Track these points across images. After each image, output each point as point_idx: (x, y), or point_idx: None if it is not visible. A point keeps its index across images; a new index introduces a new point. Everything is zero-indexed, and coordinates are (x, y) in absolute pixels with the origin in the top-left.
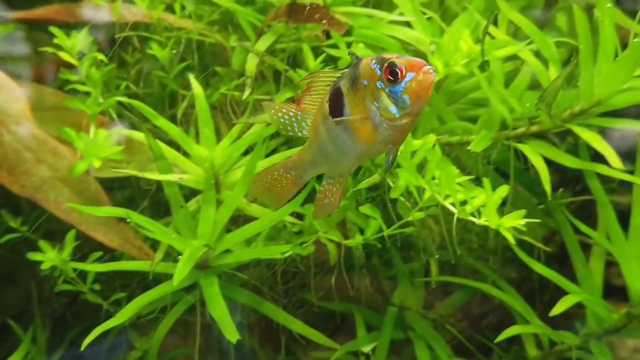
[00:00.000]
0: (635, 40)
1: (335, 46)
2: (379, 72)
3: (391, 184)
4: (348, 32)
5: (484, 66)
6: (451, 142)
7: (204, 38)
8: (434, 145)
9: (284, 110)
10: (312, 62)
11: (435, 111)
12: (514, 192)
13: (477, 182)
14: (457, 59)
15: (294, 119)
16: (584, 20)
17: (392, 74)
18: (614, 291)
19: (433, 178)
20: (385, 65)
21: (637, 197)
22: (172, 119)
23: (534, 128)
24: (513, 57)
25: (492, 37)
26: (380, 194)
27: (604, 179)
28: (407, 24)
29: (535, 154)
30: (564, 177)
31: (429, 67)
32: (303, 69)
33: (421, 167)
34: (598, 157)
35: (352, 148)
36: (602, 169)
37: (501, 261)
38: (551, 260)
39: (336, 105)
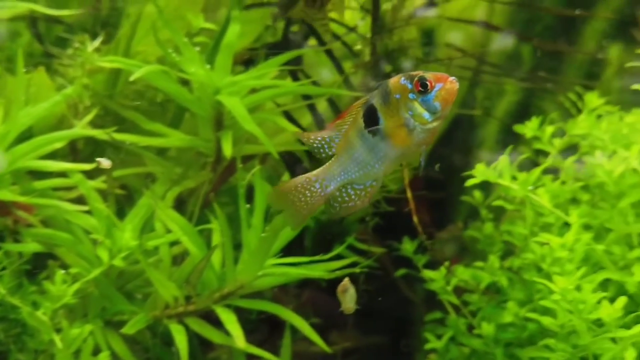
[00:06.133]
0: (263, 234)
1: None
2: (409, 86)
3: None
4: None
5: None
6: (123, 319)
7: None
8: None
9: (319, 138)
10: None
11: (105, 295)
12: None
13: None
14: (119, 251)
15: (324, 142)
16: (223, 220)
17: (423, 86)
18: None
19: None
20: (416, 79)
21: None
22: None
23: (191, 307)
24: None
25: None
26: None
27: None
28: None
29: (180, 334)
30: None
31: (453, 77)
32: None
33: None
34: None
35: (389, 153)
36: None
37: None
38: None
39: (371, 118)
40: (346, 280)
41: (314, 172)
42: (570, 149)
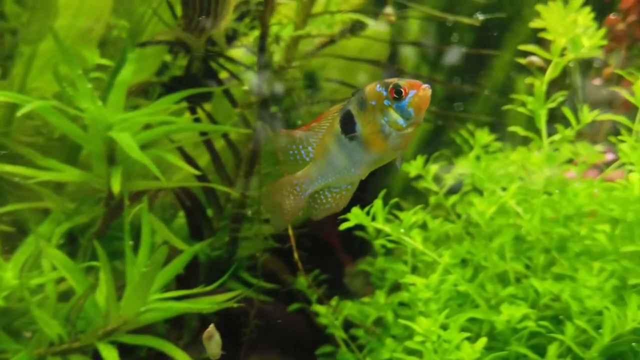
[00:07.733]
0: (144, 269)
1: None
2: (385, 93)
3: None
4: None
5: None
6: (7, 358)
7: None
8: None
9: (294, 147)
10: None
11: None
12: None
13: None
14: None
15: (301, 148)
16: (104, 257)
17: (397, 93)
18: None
19: None
20: (391, 87)
21: None
22: None
23: (76, 344)
24: None
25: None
26: None
27: None
28: None
29: None
30: None
31: (426, 85)
32: None
33: None
34: None
35: (366, 158)
36: None
37: None
38: None
39: (348, 124)
40: (211, 326)
41: (296, 174)
42: None
